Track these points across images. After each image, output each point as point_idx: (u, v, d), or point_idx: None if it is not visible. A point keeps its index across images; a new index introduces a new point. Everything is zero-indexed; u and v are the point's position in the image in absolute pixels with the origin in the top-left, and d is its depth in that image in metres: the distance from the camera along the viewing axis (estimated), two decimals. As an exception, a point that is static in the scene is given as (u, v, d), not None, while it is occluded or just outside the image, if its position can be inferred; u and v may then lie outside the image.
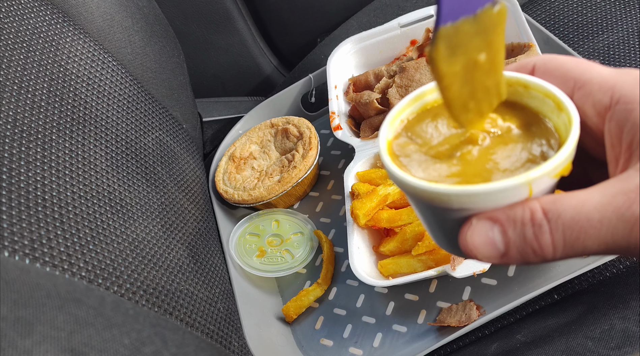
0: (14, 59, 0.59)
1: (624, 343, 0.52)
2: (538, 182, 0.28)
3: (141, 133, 0.75)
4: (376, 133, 0.79)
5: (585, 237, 0.27)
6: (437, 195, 0.29)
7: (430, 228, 0.34)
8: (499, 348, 0.59)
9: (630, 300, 0.55)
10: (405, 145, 0.33)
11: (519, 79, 0.33)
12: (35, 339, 0.33)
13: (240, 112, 1.08)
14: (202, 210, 0.80)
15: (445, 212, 0.30)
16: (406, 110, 0.35)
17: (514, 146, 0.31)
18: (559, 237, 0.28)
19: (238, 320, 0.70)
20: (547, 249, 0.28)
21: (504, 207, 0.29)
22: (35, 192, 0.53)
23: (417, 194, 0.30)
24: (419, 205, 0.32)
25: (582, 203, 0.27)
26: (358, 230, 0.69)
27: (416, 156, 0.33)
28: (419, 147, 0.33)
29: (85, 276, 0.52)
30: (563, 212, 0.27)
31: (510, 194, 0.28)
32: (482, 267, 0.58)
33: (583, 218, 0.27)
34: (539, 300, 0.62)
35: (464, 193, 0.28)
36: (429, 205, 0.30)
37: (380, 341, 0.66)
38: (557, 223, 0.27)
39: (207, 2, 1.19)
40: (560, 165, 0.28)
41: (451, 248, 0.34)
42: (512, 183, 0.28)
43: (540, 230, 0.28)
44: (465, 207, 0.29)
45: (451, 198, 0.29)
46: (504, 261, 0.29)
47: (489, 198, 0.28)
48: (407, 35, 0.87)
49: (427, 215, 0.33)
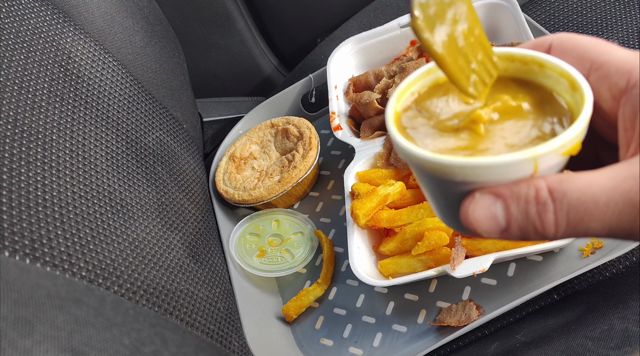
0: (15, 59, 0.59)
1: (623, 343, 0.52)
2: (544, 158, 0.27)
3: (141, 133, 0.75)
4: (376, 133, 0.79)
5: (589, 219, 0.27)
6: (441, 166, 0.28)
7: (433, 201, 0.34)
8: (498, 348, 0.59)
9: (629, 300, 0.55)
10: (414, 118, 0.33)
11: (534, 57, 0.33)
12: (36, 339, 0.33)
13: (240, 112, 1.08)
14: (202, 210, 0.80)
15: (448, 185, 0.30)
16: (417, 83, 0.35)
17: (524, 123, 0.31)
18: (563, 217, 0.27)
19: (238, 320, 0.70)
20: (549, 228, 0.28)
21: (508, 182, 0.28)
22: (36, 192, 0.53)
23: (421, 165, 0.30)
24: (423, 177, 0.32)
25: (589, 184, 0.27)
26: (358, 230, 0.69)
27: (424, 129, 0.32)
28: (428, 121, 0.33)
29: (85, 276, 0.52)
30: (569, 192, 0.27)
31: (514, 169, 0.28)
32: (481, 267, 0.58)
33: (589, 199, 0.27)
34: (539, 300, 0.62)
35: (468, 165, 0.28)
36: (432, 177, 0.30)
37: (380, 341, 0.66)
38: (562, 203, 0.27)
39: (207, 2, 1.20)
40: (568, 142, 0.28)
41: (452, 222, 0.34)
42: (517, 157, 0.27)
43: (544, 208, 0.27)
44: (469, 180, 0.29)
45: (454, 170, 0.28)
46: (503, 236, 0.29)
47: (493, 171, 0.28)
48: (407, 36, 0.87)
49: (430, 188, 0.33)
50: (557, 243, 0.58)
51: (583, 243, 0.62)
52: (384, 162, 0.75)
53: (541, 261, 0.63)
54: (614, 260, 0.59)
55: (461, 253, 0.60)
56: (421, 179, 0.33)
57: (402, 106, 0.34)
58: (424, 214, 0.65)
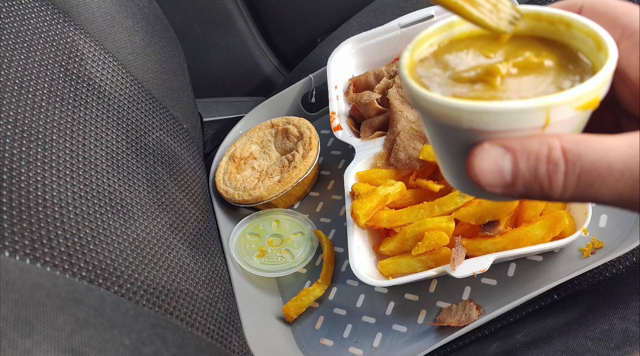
0: (15, 59, 0.59)
1: (623, 343, 0.52)
2: (557, 109, 0.26)
3: (142, 133, 0.75)
4: (376, 133, 0.79)
5: (600, 185, 0.26)
6: (448, 109, 0.28)
7: (439, 154, 0.33)
8: (498, 348, 0.59)
9: (629, 300, 0.55)
10: (430, 68, 0.33)
11: (562, 16, 0.32)
12: (36, 339, 0.33)
13: (240, 112, 1.08)
14: (202, 210, 0.80)
15: (455, 134, 0.29)
16: (437, 35, 0.34)
17: (543, 79, 0.30)
18: (573, 179, 0.26)
19: (238, 320, 0.70)
20: (556, 189, 0.27)
21: (517, 132, 0.27)
22: (36, 192, 0.53)
23: (429, 110, 0.29)
24: (431, 126, 0.31)
25: (606, 149, 0.26)
26: (358, 230, 0.69)
27: (438, 79, 0.31)
28: (443, 71, 0.32)
29: (85, 276, 0.52)
30: (584, 155, 0.26)
31: (524, 117, 0.27)
32: (482, 267, 0.58)
33: (604, 165, 0.26)
34: (539, 300, 0.62)
35: (475, 109, 0.27)
36: (440, 124, 0.29)
37: (380, 341, 0.66)
38: (575, 165, 0.26)
39: (207, 3, 1.20)
40: (585, 96, 0.27)
41: (457, 178, 0.33)
42: (527, 105, 0.26)
43: (555, 168, 0.26)
44: (475, 128, 0.28)
45: (462, 115, 0.27)
46: (506, 192, 0.28)
47: (501, 118, 0.27)
48: (408, 36, 0.87)
49: (437, 139, 0.32)
50: (557, 244, 0.58)
51: (583, 244, 0.62)
52: (384, 162, 0.75)
53: (541, 261, 0.63)
54: (614, 260, 0.59)
55: (461, 253, 0.60)
56: (428, 129, 0.32)
57: (419, 56, 0.33)
58: (424, 214, 0.65)
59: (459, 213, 0.63)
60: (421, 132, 0.72)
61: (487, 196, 0.32)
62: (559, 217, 0.59)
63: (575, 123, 0.28)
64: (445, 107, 0.28)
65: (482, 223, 0.62)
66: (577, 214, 0.61)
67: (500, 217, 0.61)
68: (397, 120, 0.75)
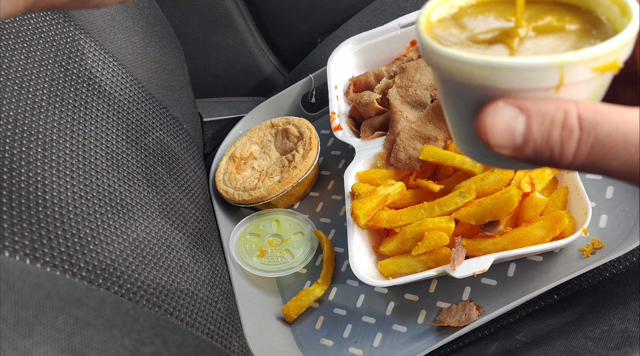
0: (15, 59, 0.59)
1: (623, 344, 0.52)
2: (572, 68, 0.25)
3: (142, 133, 0.75)
4: (376, 133, 0.79)
5: (613, 157, 0.25)
6: (459, 64, 0.27)
7: (450, 115, 0.33)
8: (498, 348, 0.59)
9: (629, 300, 0.55)
10: (447, 28, 0.32)
11: None
12: (36, 340, 0.33)
13: (240, 112, 1.08)
14: (202, 210, 0.80)
15: (466, 91, 0.28)
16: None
17: (563, 42, 0.29)
18: (586, 148, 0.26)
19: (238, 320, 0.70)
20: (566, 157, 0.26)
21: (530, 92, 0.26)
22: (36, 192, 0.53)
23: (440, 65, 0.28)
24: (442, 83, 0.31)
25: (624, 121, 0.25)
26: (358, 230, 0.69)
27: (454, 39, 0.31)
28: (461, 32, 0.32)
29: (85, 276, 0.52)
30: (600, 125, 0.25)
31: (537, 75, 0.26)
32: (482, 267, 0.58)
33: (620, 137, 0.25)
34: (539, 300, 0.62)
35: (487, 64, 0.26)
36: (451, 81, 0.29)
37: (380, 341, 0.66)
38: (589, 134, 0.25)
39: (207, 3, 1.20)
40: (602, 56, 0.26)
41: (467, 144, 0.32)
42: (540, 61, 0.25)
43: (570, 135, 0.26)
44: (487, 84, 0.27)
45: (473, 70, 0.27)
46: (514, 154, 0.27)
47: (513, 75, 0.26)
48: (408, 36, 0.87)
49: (449, 98, 0.31)
50: (557, 244, 0.58)
51: (583, 244, 0.62)
52: (384, 162, 0.75)
53: (541, 261, 0.63)
54: (614, 260, 0.59)
55: (461, 253, 0.60)
56: (440, 88, 0.32)
57: (438, 17, 0.33)
58: (424, 214, 0.65)
59: (459, 213, 0.63)
60: (421, 132, 0.72)
61: (496, 162, 0.31)
62: (559, 217, 0.59)
63: (591, 87, 0.27)
64: (457, 61, 0.27)
65: (482, 223, 0.62)
66: (577, 214, 0.61)
67: (500, 217, 0.61)
68: (397, 120, 0.75)
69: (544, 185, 0.64)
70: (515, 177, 0.64)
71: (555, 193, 0.63)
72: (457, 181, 0.68)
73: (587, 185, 0.63)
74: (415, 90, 0.76)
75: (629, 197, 0.64)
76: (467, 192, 0.63)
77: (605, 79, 0.28)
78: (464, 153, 0.34)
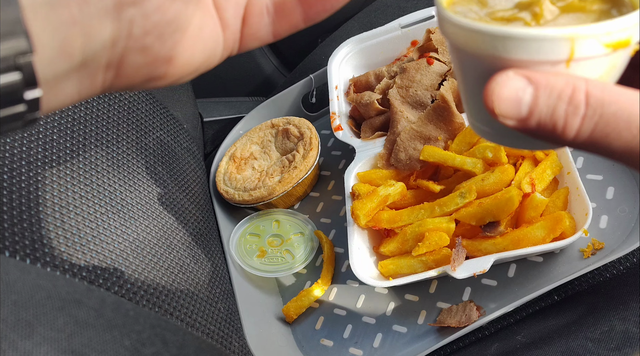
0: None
1: (623, 345, 0.52)
2: (583, 42, 0.25)
3: (142, 133, 0.75)
4: (377, 133, 0.79)
5: (615, 138, 0.25)
6: (471, 33, 0.27)
7: (463, 87, 0.33)
8: (499, 349, 0.59)
9: (630, 301, 0.55)
10: (469, 3, 0.32)
11: None
12: (36, 340, 0.33)
13: (241, 112, 1.08)
14: (202, 210, 0.80)
15: (478, 61, 0.29)
16: None
17: (583, 18, 0.29)
18: (589, 126, 0.26)
19: (238, 320, 0.70)
20: (569, 133, 0.26)
21: (541, 65, 0.26)
22: (36, 192, 0.53)
23: (454, 35, 0.29)
24: (455, 53, 0.31)
25: (631, 103, 0.25)
26: (358, 231, 0.69)
27: (473, 15, 0.31)
28: (481, 8, 0.32)
29: (85, 276, 0.52)
30: (607, 104, 0.25)
31: (547, 47, 0.26)
32: (482, 267, 0.58)
33: (624, 117, 0.25)
34: (539, 301, 0.62)
35: (498, 34, 0.26)
36: (464, 51, 0.29)
37: (380, 341, 0.66)
38: (595, 111, 0.25)
39: (208, 2, 1.19)
40: (615, 32, 0.26)
41: (476, 118, 0.32)
42: (551, 32, 0.25)
43: (575, 111, 0.26)
44: (498, 54, 0.27)
45: (485, 40, 0.27)
46: (518, 125, 0.27)
47: (524, 45, 0.26)
48: (408, 36, 0.87)
49: (462, 69, 0.31)
50: (557, 244, 0.58)
51: (584, 244, 0.62)
52: (385, 162, 0.75)
53: (542, 262, 0.63)
54: (614, 261, 0.59)
55: (462, 253, 0.60)
56: (454, 58, 0.32)
57: None
58: (424, 215, 0.65)
59: (460, 214, 0.63)
60: (422, 132, 0.72)
61: (508, 140, 0.31)
62: (560, 218, 0.59)
63: (604, 66, 0.27)
64: (469, 30, 0.27)
65: (482, 224, 0.62)
66: (577, 215, 0.61)
67: (500, 218, 0.61)
68: (398, 120, 0.75)
69: (545, 185, 0.64)
70: (516, 177, 0.64)
71: (556, 194, 0.63)
72: (458, 181, 0.68)
73: (587, 186, 0.63)
74: (416, 91, 0.76)
75: (629, 197, 0.64)
76: (468, 193, 0.63)
77: (619, 59, 0.28)
78: (476, 131, 0.34)
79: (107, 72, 0.32)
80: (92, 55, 0.31)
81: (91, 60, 0.31)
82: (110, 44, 0.31)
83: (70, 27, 0.29)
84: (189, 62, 0.35)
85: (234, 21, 0.37)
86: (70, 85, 0.31)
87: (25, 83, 0.27)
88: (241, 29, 0.37)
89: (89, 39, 0.30)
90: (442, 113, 0.71)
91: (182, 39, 0.34)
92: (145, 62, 0.33)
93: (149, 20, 0.32)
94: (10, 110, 0.28)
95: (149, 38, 0.32)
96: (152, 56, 0.33)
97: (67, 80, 0.30)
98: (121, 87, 0.34)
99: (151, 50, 0.33)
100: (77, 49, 0.29)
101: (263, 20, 0.37)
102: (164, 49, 0.33)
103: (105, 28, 0.30)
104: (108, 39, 0.31)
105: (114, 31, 0.31)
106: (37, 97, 0.28)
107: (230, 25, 0.36)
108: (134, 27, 0.31)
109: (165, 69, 0.34)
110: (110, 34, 0.31)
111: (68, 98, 0.32)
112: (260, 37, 0.38)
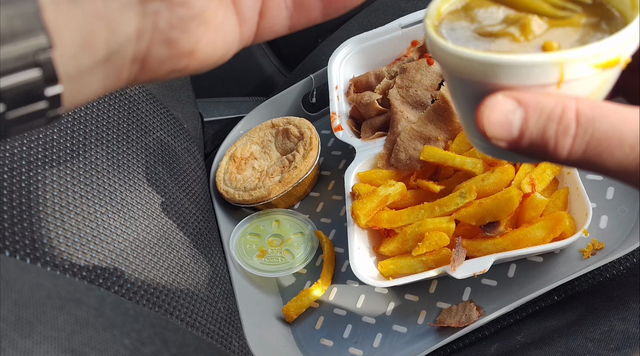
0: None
1: (623, 345, 0.52)
2: (572, 66, 0.25)
3: (142, 133, 0.75)
4: (377, 133, 0.79)
5: (608, 156, 0.25)
6: (461, 60, 0.27)
7: (457, 106, 0.33)
8: (499, 349, 0.59)
9: (630, 301, 0.55)
10: (457, 20, 0.32)
11: None
12: (36, 339, 0.33)
13: (241, 112, 1.08)
14: (202, 210, 0.80)
15: (469, 85, 0.29)
16: None
17: (570, 36, 0.29)
18: (581, 146, 0.26)
19: (238, 320, 0.70)
20: (561, 152, 0.26)
21: (531, 88, 0.26)
22: (36, 191, 0.53)
23: (445, 60, 0.29)
24: (447, 76, 0.31)
25: (622, 120, 0.25)
26: (358, 231, 0.69)
27: (462, 32, 0.31)
28: (470, 24, 0.32)
29: (85, 276, 0.52)
30: (598, 122, 0.25)
31: (537, 72, 0.26)
32: (482, 267, 0.58)
33: (616, 135, 0.25)
34: (539, 301, 0.62)
35: (487, 61, 0.26)
36: (455, 76, 0.29)
37: (380, 341, 0.66)
38: (586, 131, 0.25)
39: (208, 2, 1.19)
40: (603, 53, 0.25)
41: (471, 135, 0.32)
42: (540, 58, 0.25)
43: (565, 131, 0.26)
44: (488, 80, 0.27)
45: (474, 67, 0.27)
46: (510, 146, 0.27)
47: (513, 71, 0.26)
48: (408, 36, 0.87)
49: (455, 90, 0.31)
50: (557, 245, 0.58)
51: (584, 245, 0.62)
52: (385, 162, 0.75)
53: (541, 262, 0.63)
54: (614, 261, 0.59)
55: (462, 254, 0.60)
56: (447, 79, 0.32)
57: (449, 8, 0.33)
58: (424, 215, 0.65)
59: (460, 214, 0.63)
60: (422, 132, 0.72)
61: (503, 154, 0.31)
62: (560, 218, 0.59)
63: (594, 83, 0.27)
64: (459, 57, 0.27)
65: (482, 224, 0.62)
66: (577, 215, 0.61)
67: (500, 218, 0.61)
68: (398, 120, 0.75)
69: (545, 185, 0.64)
70: (516, 177, 0.64)
71: (556, 194, 0.63)
72: (458, 182, 0.68)
73: (587, 186, 0.63)
74: (416, 91, 0.76)
75: (629, 198, 0.64)
76: (468, 193, 0.63)
77: (610, 75, 0.28)
78: (473, 145, 0.34)
79: (132, 66, 0.32)
80: (117, 49, 0.30)
81: (116, 54, 0.30)
82: (135, 37, 0.31)
83: (94, 21, 0.28)
84: (210, 56, 0.35)
85: (252, 15, 0.36)
86: (95, 80, 0.30)
87: (46, 79, 0.27)
88: (258, 22, 0.37)
89: (113, 33, 0.29)
90: (442, 114, 0.71)
91: (206, 33, 0.33)
92: (170, 55, 0.33)
93: (174, 13, 0.31)
94: (31, 108, 0.27)
95: (175, 32, 0.32)
96: (177, 50, 0.33)
97: (92, 75, 0.30)
98: (144, 80, 0.34)
99: (176, 43, 0.32)
100: (101, 43, 0.29)
101: (281, 14, 0.37)
102: (189, 43, 0.33)
103: (130, 21, 0.30)
104: (133, 33, 0.31)
105: (139, 24, 0.31)
106: (58, 93, 0.28)
107: (248, 19, 0.36)
108: (159, 20, 0.31)
109: (187, 62, 0.34)
110: (135, 27, 0.30)
111: (93, 93, 0.31)
112: (276, 30, 0.38)
